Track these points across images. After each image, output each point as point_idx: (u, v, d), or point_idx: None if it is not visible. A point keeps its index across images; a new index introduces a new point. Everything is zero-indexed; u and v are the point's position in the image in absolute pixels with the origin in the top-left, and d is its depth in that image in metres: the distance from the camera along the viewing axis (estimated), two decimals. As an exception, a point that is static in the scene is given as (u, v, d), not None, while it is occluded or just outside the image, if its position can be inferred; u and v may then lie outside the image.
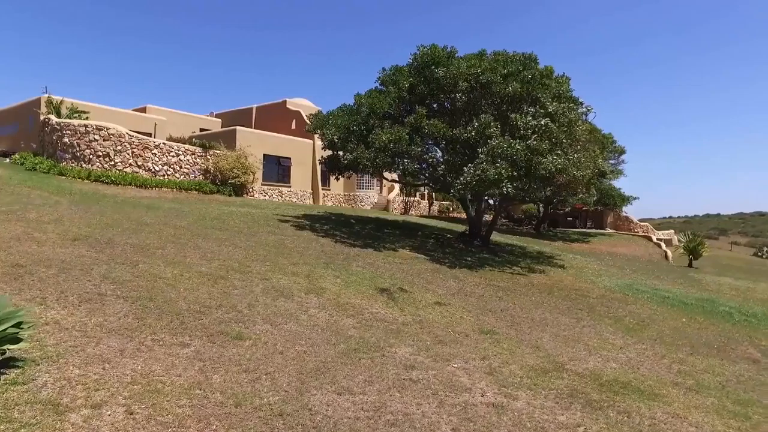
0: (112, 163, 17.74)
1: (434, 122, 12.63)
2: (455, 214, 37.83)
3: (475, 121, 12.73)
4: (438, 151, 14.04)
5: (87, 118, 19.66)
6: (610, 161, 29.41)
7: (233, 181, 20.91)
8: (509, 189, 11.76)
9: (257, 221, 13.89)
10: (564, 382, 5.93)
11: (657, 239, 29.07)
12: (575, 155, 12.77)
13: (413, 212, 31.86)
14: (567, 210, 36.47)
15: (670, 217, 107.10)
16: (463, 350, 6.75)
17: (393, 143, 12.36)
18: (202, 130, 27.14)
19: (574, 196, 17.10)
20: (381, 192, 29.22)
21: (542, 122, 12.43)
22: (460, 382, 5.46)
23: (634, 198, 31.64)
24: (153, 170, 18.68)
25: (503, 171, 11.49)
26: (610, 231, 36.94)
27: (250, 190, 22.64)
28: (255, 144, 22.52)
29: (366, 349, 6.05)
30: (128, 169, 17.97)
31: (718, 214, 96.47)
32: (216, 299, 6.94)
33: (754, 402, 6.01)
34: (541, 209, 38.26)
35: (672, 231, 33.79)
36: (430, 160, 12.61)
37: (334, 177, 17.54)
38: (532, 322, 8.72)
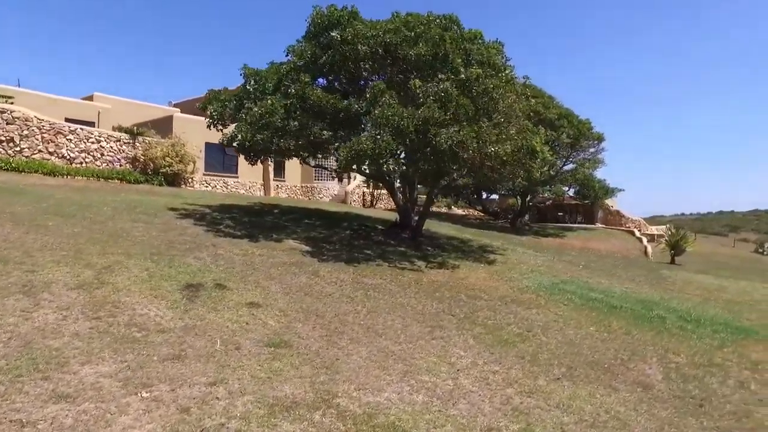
0: (18, 149, 16.08)
1: (318, 92, 10.46)
2: (433, 208, 35.48)
3: (367, 89, 10.53)
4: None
5: (12, 104, 18.12)
6: (590, 150, 26.64)
7: (165, 170, 19.13)
8: (391, 165, 9.53)
9: (138, 210, 11.95)
10: (305, 426, 3.87)
11: (639, 234, 26.18)
12: (488, 128, 10.42)
13: (381, 206, 29.64)
14: (548, 203, 33.73)
15: (683, 214, 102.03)
16: (202, 370, 4.83)
17: (265, 117, 10.26)
18: (157, 120, 25.50)
19: (511, 181, 14.63)
20: (342, 184, 27.10)
21: (441, 87, 10.14)
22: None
23: (620, 190, 28.81)
24: (68, 157, 16.99)
25: (383, 144, 9.27)
26: (599, 226, 34.04)
27: (189, 180, 20.85)
28: (196, 131, 20.62)
29: (40, 364, 4.14)
30: (37, 156, 16.32)
31: (732, 211, 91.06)
32: None
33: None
34: (533, 203, 35.75)
35: (664, 227, 30.71)
36: (312, 137, 10.49)
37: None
38: (366, 331, 6.54)
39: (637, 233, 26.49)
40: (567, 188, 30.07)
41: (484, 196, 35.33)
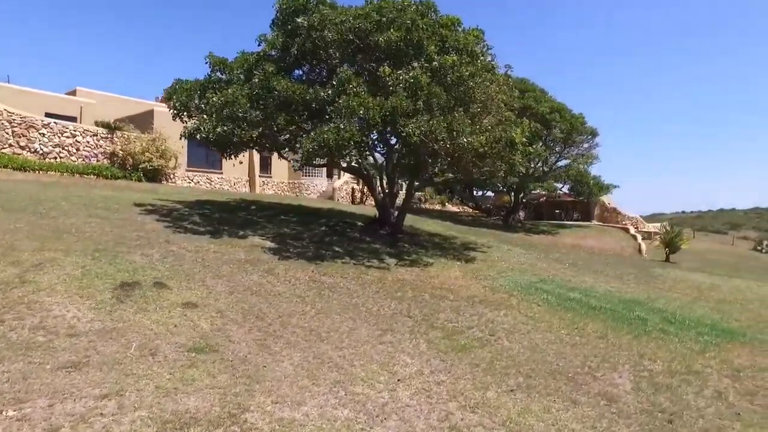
0: (-13, 143, 15.57)
1: (284, 81, 9.82)
2: (427, 205, 34.87)
3: (334, 77, 9.89)
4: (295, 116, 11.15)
5: (-13, 98, 17.57)
6: (584, 145, 25.89)
7: (145, 166, 18.56)
8: (354, 157, 8.91)
9: (100, 206, 11.37)
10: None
11: (634, 232, 25.45)
12: (461, 118, 9.76)
13: (371, 202, 29.01)
14: (542, 200, 33.04)
15: (683, 212, 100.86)
16: (100, 380, 4.34)
17: (227, 107, 9.64)
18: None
19: (493, 175, 13.95)
20: (330, 180, 26.47)
21: (410, 75, 9.49)
22: None
23: (614, 186, 28.07)
24: (41, 152, 16.44)
25: (346, 135, 8.64)
26: (594, 223, 33.33)
27: (171, 176, 20.29)
28: (178, 126, 19.99)
29: None
30: (7, 150, 15.77)
31: (733, 209, 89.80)
32: None
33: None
34: (526, 200, 35.07)
35: (659, 224, 29.95)
36: (276, 128, 9.85)
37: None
38: (307, 334, 5.94)
39: (632, 230, 25.77)
40: (561, 185, 29.36)
41: (480, 193, 34.73)
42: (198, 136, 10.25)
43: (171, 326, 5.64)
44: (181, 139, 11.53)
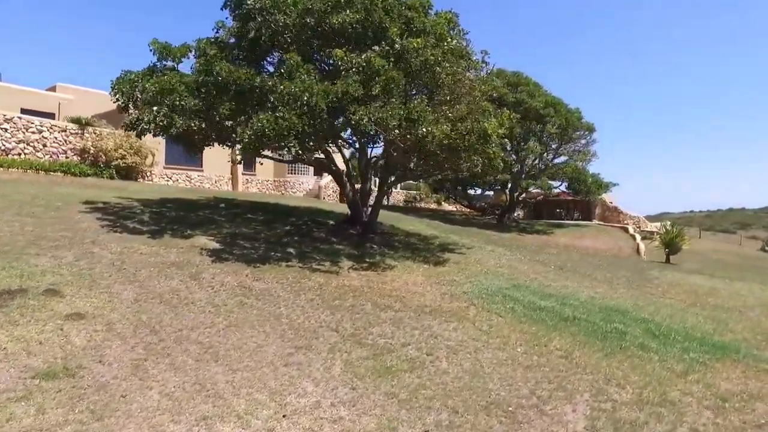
0: (-56, 139, 14.81)
1: (226, 66, 8.82)
2: (423, 204, 33.76)
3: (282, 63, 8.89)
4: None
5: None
6: (581, 141, 24.61)
7: (118, 163, 17.72)
8: (295, 147, 7.90)
9: (38, 204, 10.44)
10: None
11: (633, 232, 24.10)
12: (421, 105, 8.68)
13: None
14: (539, 198, 31.75)
15: (692, 211, 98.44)
16: None
17: (162, 95, 8.68)
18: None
19: (469, 170, 12.75)
20: (317, 178, 25.47)
21: (362, 58, 8.44)
22: None
23: (614, 184, 26.64)
24: (3, 148, 15.66)
25: (284, 123, 7.62)
26: (595, 223, 31.99)
27: (148, 174, 19.44)
28: (155, 122, 19.19)
29: None
30: (-32, 146, 15.03)
31: (743, 208, 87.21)
32: None
33: None
34: (522, 198, 33.79)
35: (659, 224, 28.51)
36: (218, 117, 8.87)
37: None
38: (203, 352, 4.94)
39: (631, 230, 24.43)
40: (559, 183, 28.07)
41: (479, 191, 33.50)
42: (140, 128, 9.29)
43: (34, 344, 4.68)
44: (125, 132, 10.57)
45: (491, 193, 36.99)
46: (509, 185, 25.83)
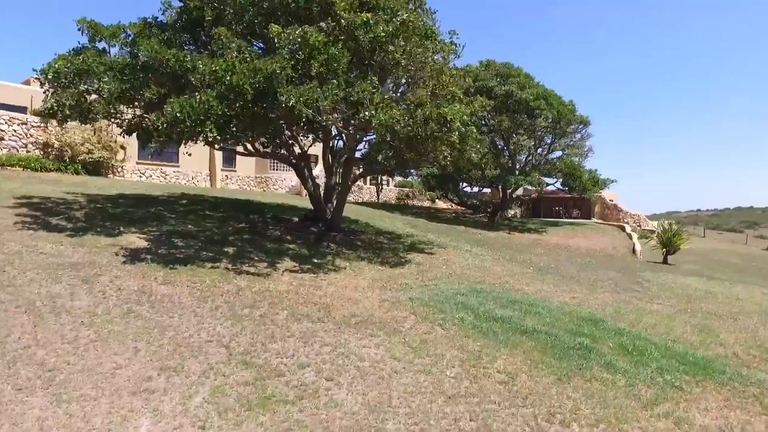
0: None
1: (152, 45, 7.78)
2: (415, 202, 32.63)
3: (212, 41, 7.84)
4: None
5: None
6: (576, 135, 23.32)
7: (84, 158, 16.85)
8: (214, 134, 6.85)
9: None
10: None
11: (630, 230, 22.77)
12: (364, 86, 7.57)
13: (350, 198, 26.89)
14: (533, 196, 30.49)
15: (699, 210, 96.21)
16: None
17: (79, 77, 7.67)
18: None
19: (435, 162, 11.57)
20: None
21: (297, 33, 7.35)
22: None
23: (611, 181, 25.19)
24: (-40, 142, 14.86)
25: (201, 107, 6.58)
26: (594, 221, 30.68)
27: (119, 169, 18.55)
28: (127, 116, 18.29)
29: None
30: None
31: (751, 207, 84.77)
32: None
33: None
34: (522, 196, 32.57)
35: (657, 222, 27.14)
36: (144, 102, 7.87)
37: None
38: (40, 374, 3.90)
39: (628, 229, 23.10)
40: (555, 180, 26.76)
41: (476, 189, 32.25)
42: (57, 113, 8.30)
43: None
44: (39, 118, 9.56)
45: (488, 190, 35.81)
46: (501, 182, 24.60)
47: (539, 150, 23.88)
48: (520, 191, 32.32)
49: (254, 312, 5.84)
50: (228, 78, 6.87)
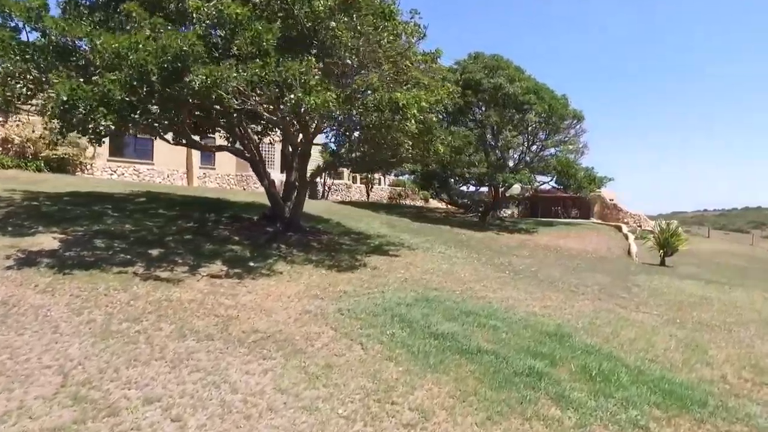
0: None
1: (54, 21, 6.78)
2: (409, 201, 31.53)
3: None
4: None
5: None
6: (570, 131, 22.08)
7: (47, 154, 16.01)
8: (108, 123, 5.85)
9: None
10: None
11: (626, 231, 21.49)
12: (291, 67, 6.52)
13: (338, 197, 25.89)
14: (528, 194, 29.24)
15: (705, 210, 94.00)
16: None
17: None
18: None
19: (396, 156, 10.44)
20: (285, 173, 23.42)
21: (212, 4, 6.33)
22: None
23: (609, 179, 23.85)
24: None
25: (94, 91, 5.59)
26: (593, 221, 29.42)
27: (88, 167, 17.69)
28: (97, 112, 17.45)
29: None
30: None
31: (759, 207, 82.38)
32: None
33: None
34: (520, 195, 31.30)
35: (654, 222, 25.81)
36: (47, 85, 6.91)
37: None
38: None
39: (624, 229, 21.81)
40: (549, 178, 25.51)
41: (474, 188, 31.05)
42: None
43: None
44: None
45: (485, 189, 34.61)
46: (490, 180, 23.41)
47: (534, 147, 22.65)
48: (516, 190, 31.15)
49: (132, 327, 4.82)
50: (132, 57, 5.86)
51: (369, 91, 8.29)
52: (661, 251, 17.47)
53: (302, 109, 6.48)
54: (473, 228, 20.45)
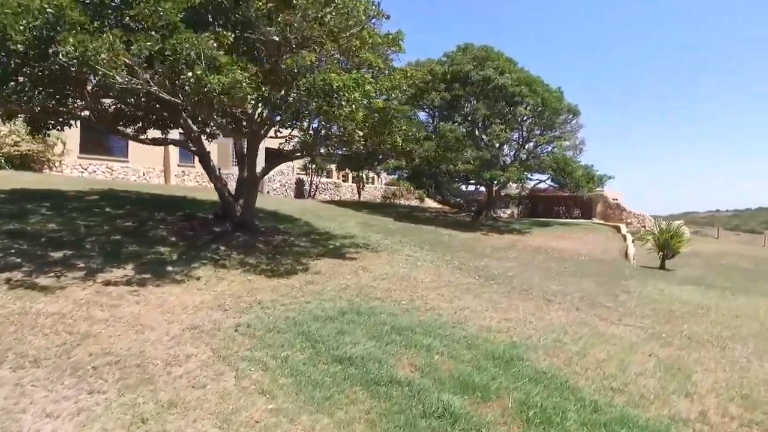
0: None
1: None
2: (404, 200, 30.40)
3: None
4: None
5: None
6: (566, 127, 20.79)
7: (9, 150, 15.29)
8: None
9: None
10: None
11: (624, 232, 20.12)
12: (193, 40, 5.51)
13: (326, 196, 24.88)
14: (524, 193, 27.94)
15: (717, 211, 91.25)
16: None
17: None
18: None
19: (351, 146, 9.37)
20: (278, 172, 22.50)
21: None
22: None
23: (608, 177, 22.49)
24: None
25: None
26: (595, 221, 28.01)
27: (56, 164, 16.94)
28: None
29: None
30: None
31: (773, 207, 79.58)
32: None
33: None
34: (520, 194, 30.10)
35: (653, 221, 24.36)
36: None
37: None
38: None
39: (623, 229, 20.44)
40: (547, 176, 24.21)
41: (473, 187, 29.84)
42: None
43: None
44: None
45: (484, 189, 33.38)
46: (476, 177, 22.19)
47: (528, 144, 21.41)
48: (514, 189, 29.87)
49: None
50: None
51: (308, 74, 7.28)
52: (661, 253, 16.15)
53: (206, 89, 5.47)
54: (461, 228, 19.29)
